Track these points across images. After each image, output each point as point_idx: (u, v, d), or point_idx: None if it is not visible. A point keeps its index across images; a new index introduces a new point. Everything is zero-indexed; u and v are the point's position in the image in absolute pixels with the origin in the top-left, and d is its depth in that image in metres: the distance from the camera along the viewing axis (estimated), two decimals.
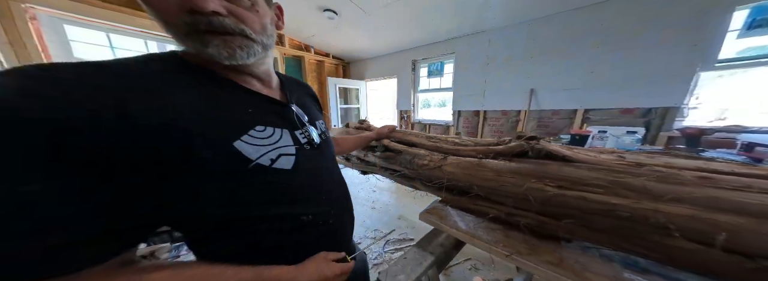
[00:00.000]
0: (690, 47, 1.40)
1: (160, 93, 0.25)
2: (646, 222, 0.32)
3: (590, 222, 0.39)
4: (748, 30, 1.31)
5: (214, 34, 0.27)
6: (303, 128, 0.39)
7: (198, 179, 0.26)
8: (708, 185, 0.32)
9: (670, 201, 0.32)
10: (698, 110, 1.46)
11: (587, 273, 0.39)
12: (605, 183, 0.38)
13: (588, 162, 0.43)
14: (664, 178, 0.34)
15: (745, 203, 0.29)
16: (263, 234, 0.32)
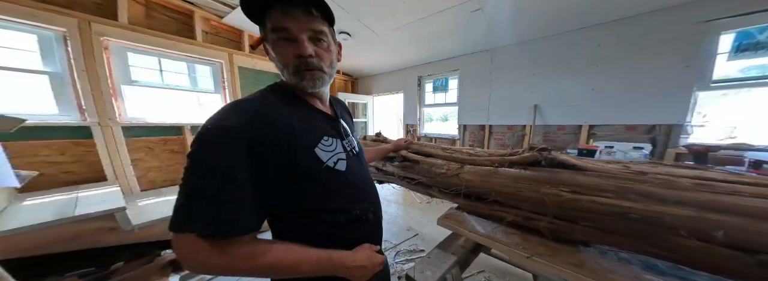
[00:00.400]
0: (683, 68, 1.49)
1: (288, 118, 0.37)
2: (656, 223, 0.37)
3: (604, 224, 0.43)
4: (736, 53, 1.41)
5: (307, 71, 0.39)
6: (347, 138, 0.48)
7: (294, 178, 0.36)
8: (704, 190, 0.37)
9: (674, 204, 0.36)
10: (706, 128, 1.50)
11: (609, 275, 0.42)
12: (614, 189, 0.43)
13: (597, 170, 0.49)
14: (666, 184, 0.39)
15: (739, 205, 0.34)
16: (325, 223, 0.40)
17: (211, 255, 0.30)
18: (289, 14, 0.36)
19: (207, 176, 0.30)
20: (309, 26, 0.37)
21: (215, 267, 0.31)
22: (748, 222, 0.31)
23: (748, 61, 1.38)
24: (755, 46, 1.36)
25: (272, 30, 0.37)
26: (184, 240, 0.30)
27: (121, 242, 1.27)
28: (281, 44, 0.37)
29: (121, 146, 1.80)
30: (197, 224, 0.30)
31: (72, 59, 1.57)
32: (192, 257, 0.30)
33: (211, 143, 0.31)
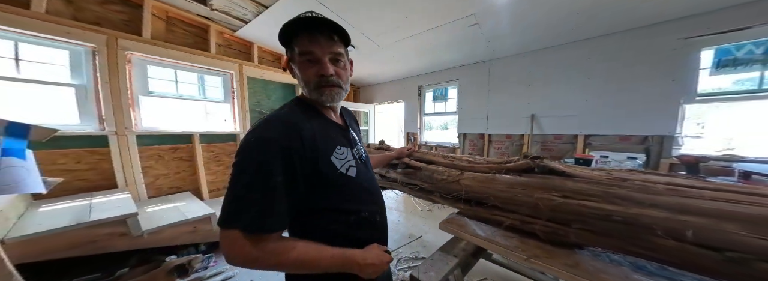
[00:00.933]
0: (669, 82, 1.58)
1: (310, 130, 0.43)
2: (635, 224, 0.42)
3: (592, 226, 0.48)
4: (717, 69, 1.50)
5: (326, 87, 0.45)
6: (356, 146, 0.54)
7: (316, 182, 0.42)
8: (674, 194, 0.42)
9: (649, 207, 0.41)
10: (703, 139, 1.55)
11: (602, 275, 0.46)
12: (599, 193, 0.48)
13: (584, 177, 0.54)
14: (643, 189, 0.44)
15: (702, 207, 0.39)
16: (338, 223, 0.45)
17: (251, 249, 0.35)
18: (315, 40, 0.42)
19: (252, 182, 0.36)
20: (330, 50, 0.44)
21: (253, 260, 0.36)
22: (712, 222, 0.36)
23: (738, 75, 1.46)
24: (734, 62, 1.45)
25: (299, 53, 0.43)
26: (230, 235, 0.35)
27: (131, 247, 1.30)
28: (306, 65, 0.44)
29: (134, 154, 1.87)
30: (243, 221, 0.35)
31: (98, 72, 1.69)
32: (235, 250, 0.35)
33: (257, 152, 0.37)
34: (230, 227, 0.35)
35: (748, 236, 0.32)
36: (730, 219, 0.35)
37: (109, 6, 1.80)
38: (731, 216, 0.35)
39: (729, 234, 0.34)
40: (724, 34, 1.43)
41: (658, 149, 1.61)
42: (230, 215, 0.36)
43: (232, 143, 2.56)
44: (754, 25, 1.36)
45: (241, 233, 0.35)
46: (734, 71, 1.45)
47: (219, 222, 0.36)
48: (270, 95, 2.87)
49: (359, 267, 0.42)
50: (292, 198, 0.39)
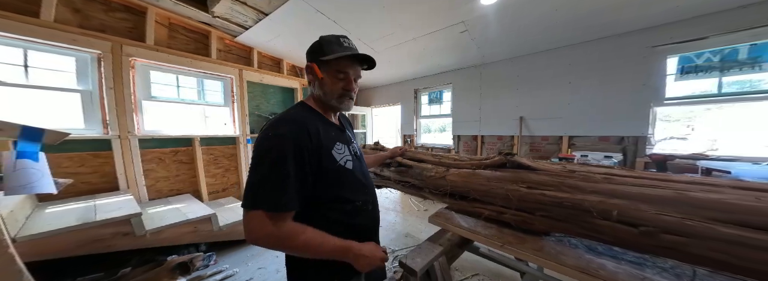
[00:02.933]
0: (641, 86, 1.72)
1: (315, 128, 0.52)
2: (580, 208, 0.50)
3: (550, 212, 0.56)
4: (681, 75, 1.64)
5: (347, 98, 0.57)
6: (351, 144, 0.63)
7: (320, 173, 0.50)
8: (608, 182, 0.50)
9: (589, 193, 0.50)
10: (689, 140, 1.64)
11: (561, 256, 0.54)
12: (554, 184, 0.57)
13: (544, 170, 0.63)
14: (585, 179, 0.53)
15: (625, 192, 0.47)
16: (336, 211, 0.54)
17: (271, 228, 0.43)
18: (354, 65, 0.56)
19: (274, 168, 0.44)
20: (358, 73, 0.58)
21: (271, 237, 0.43)
22: (631, 204, 0.44)
23: (700, 80, 1.60)
24: (695, 69, 1.59)
25: (337, 70, 0.54)
26: (254, 216, 0.43)
27: (134, 247, 1.34)
28: (336, 79, 0.55)
29: (136, 157, 1.92)
30: (265, 203, 0.43)
31: (103, 78, 1.75)
32: (258, 228, 0.43)
33: (273, 146, 0.46)
34: (254, 208, 0.43)
35: (654, 213, 0.41)
36: (644, 201, 0.44)
37: (114, 14, 1.87)
38: (645, 198, 0.44)
39: (642, 212, 0.42)
40: (685, 43, 1.57)
41: (634, 149, 1.73)
42: (254, 198, 0.44)
43: (231, 146, 2.60)
44: (710, 36, 1.50)
45: (264, 213, 0.43)
46: (696, 77, 1.59)
47: (243, 205, 0.44)
48: (269, 99, 2.93)
49: (355, 256, 0.49)
50: (303, 185, 0.47)
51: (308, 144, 0.48)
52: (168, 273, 1.23)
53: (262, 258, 1.74)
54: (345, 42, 0.55)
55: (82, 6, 1.72)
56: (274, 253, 1.80)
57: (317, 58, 0.54)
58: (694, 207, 0.39)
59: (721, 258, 0.35)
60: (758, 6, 1.37)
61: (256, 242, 0.44)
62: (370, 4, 1.80)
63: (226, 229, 1.72)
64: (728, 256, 0.34)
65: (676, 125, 1.69)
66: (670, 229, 0.39)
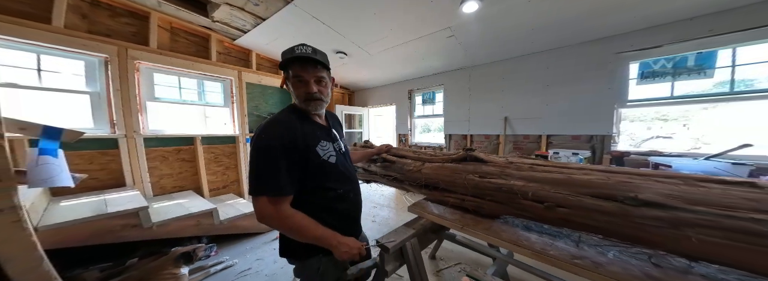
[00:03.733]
0: (607, 90, 1.88)
1: (301, 129, 0.63)
2: (511, 192, 0.63)
3: (494, 197, 0.69)
4: (641, 79, 1.80)
5: (311, 101, 0.66)
6: (337, 142, 0.75)
7: (306, 166, 0.62)
8: (531, 170, 0.63)
9: (517, 179, 0.63)
10: (674, 139, 1.76)
11: (502, 233, 0.67)
12: (497, 173, 0.69)
13: (493, 162, 0.75)
14: (517, 168, 0.66)
15: (537, 177, 0.60)
16: (322, 198, 0.66)
17: (272, 209, 0.56)
18: (304, 68, 0.62)
19: (267, 163, 0.57)
20: (315, 74, 0.63)
21: (273, 217, 0.56)
22: (540, 186, 0.57)
23: (657, 84, 1.76)
24: (653, 74, 1.76)
25: (293, 76, 0.63)
26: (260, 201, 0.56)
27: (142, 237, 1.45)
28: (298, 85, 0.64)
29: (141, 155, 2.03)
30: (267, 190, 0.56)
31: (110, 80, 1.86)
32: (263, 210, 0.56)
33: (265, 145, 0.58)
34: (259, 194, 0.57)
35: (552, 192, 0.54)
36: (548, 183, 0.57)
37: (119, 19, 1.98)
38: (549, 181, 0.57)
39: (545, 192, 0.55)
40: (644, 50, 1.73)
41: (601, 146, 1.88)
42: (257, 186, 0.57)
43: (231, 144, 2.71)
44: (664, 44, 1.66)
45: (266, 198, 0.56)
46: (653, 81, 1.75)
47: (250, 192, 0.58)
48: (267, 100, 3.04)
49: (337, 243, 0.60)
50: (293, 175, 0.59)
51: (293, 143, 0.59)
52: (172, 262, 1.34)
53: (260, 251, 1.86)
54: (298, 49, 0.61)
55: (89, 12, 1.83)
56: (271, 246, 1.92)
57: (281, 68, 0.65)
58: (575, 186, 0.52)
59: (589, 223, 0.48)
60: (702, 18, 1.53)
61: (262, 221, 0.57)
62: (362, 11, 1.92)
63: (226, 223, 1.84)
64: (591, 220, 0.47)
65: (673, 124, 1.79)
66: (561, 203, 0.52)
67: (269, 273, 1.56)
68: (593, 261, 0.48)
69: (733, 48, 1.53)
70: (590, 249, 0.53)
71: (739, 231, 0.35)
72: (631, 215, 0.44)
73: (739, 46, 1.51)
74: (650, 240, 0.42)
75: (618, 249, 0.51)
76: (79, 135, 1.18)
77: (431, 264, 1.64)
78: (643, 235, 0.43)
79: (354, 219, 0.77)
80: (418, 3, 1.74)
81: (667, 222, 0.40)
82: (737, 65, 1.53)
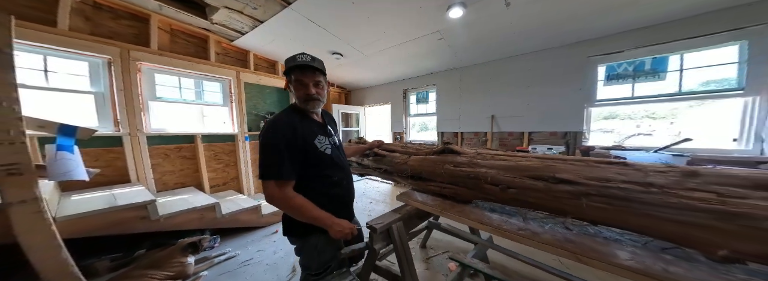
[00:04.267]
0: (578, 90, 2.06)
1: (301, 126, 0.76)
2: (477, 178, 0.76)
3: (466, 184, 0.82)
4: (607, 81, 1.99)
5: (310, 101, 0.79)
6: (331, 137, 0.87)
7: (305, 156, 0.75)
8: (492, 159, 0.76)
9: (482, 167, 0.76)
10: (653, 136, 1.90)
11: (470, 214, 0.80)
12: (467, 162, 0.82)
13: (464, 153, 0.88)
14: (481, 157, 0.79)
15: (496, 164, 0.73)
16: (319, 184, 0.78)
17: (278, 191, 0.69)
18: (304, 73, 0.75)
19: (273, 153, 0.70)
20: (313, 78, 0.76)
21: (278, 198, 0.69)
22: (497, 172, 0.70)
23: (620, 86, 1.95)
24: (616, 76, 1.95)
25: (295, 80, 0.76)
26: (268, 184, 0.69)
27: (149, 229, 1.55)
28: (299, 87, 0.77)
29: (144, 152, 2.11)
30: (274, 175, 0.69)
31: (113, 81, 1.93)
32: (271, 192, 0.69)
33: (271, 140, 0.71)
34: (267, 179, 0.70)
35: (504, 176, 0.67)
36: (503, 169, 0.70)
37: (121, 21, 2.04)
38: (503, 167, 0.70)
39: (500, 176, 0.69)
40: (610, 54, 1.92)
41: (573, 142, 2.07)
42: (266, 173, 0.70)
43: (230, 143, 2.80)
44: (625, 50, 1.85)
45: (274, 182, 0.69)
46: (617, 83, 1.94)
47: (259, 177, 0.70)
48: (265, 99, 3.13)
49: (332, 223, 0.73)
50: (294, 163, 0.72)
51: (294, 138, 0.72)
52: (180, 252, 1.44)
53: (261, 243, 1.97)
54: (299, 57, 0.74)
55: (91, 15, 1.89)
56: (271, 239, 2.03)
57: (284, 74, 0.78)
58: (519, 170, 0.65)
59: (529, 200, 0.61)
60: (655, 27, 1.73)
61: (271, 202, 0.70)
62: (356, 16, 2.03)
63: (228, 217, 1.94)
64: (530, 197, 0.60)
65: (661, 121, 1.92)
66: (510, 185, 0.65)
67: (270, 263, 1.68)
68: (533, 232, 0.62)
69: (681, 54, 1.72)
70: (533, 223, 0.67)
71: (612, 196, 0.49)
72: (553, 190, 0.57)
73: (686, 53, 1.71)
74: (564, 209, 0.56)
75: (554, 222, 0.64)
76: (92, 132, 1.27)
77: (422, 252, 1.77)
78: (560, 206, 0.56)
79: (346, 203, 0.90)
80: (408, 8, 1.86)
81: (572, 194, 0.53)
82: (684, 69, 1.72)
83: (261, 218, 2.19)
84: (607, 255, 0.49)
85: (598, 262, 0.49)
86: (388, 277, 0.99)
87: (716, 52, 1.61)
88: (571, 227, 0.60)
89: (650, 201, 0.45)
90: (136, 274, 1.20)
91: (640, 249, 0.51)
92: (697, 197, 0.41)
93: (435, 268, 1.58)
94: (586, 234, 0.58)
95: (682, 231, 0.41)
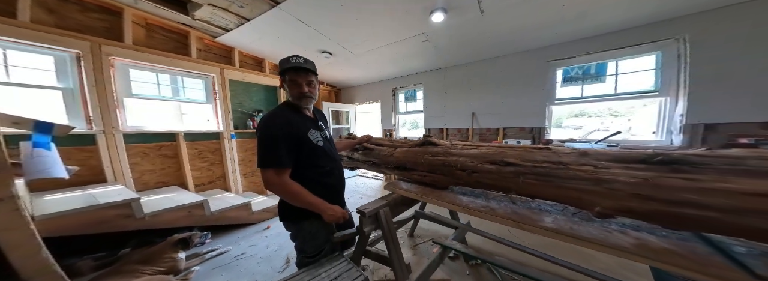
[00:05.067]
0: (541, 90, 2.34)
1: (293, 119, 0.85)
2: (450, 165, 0.90)
3: (441, 171, 0.95)
4: (563, 83, 2.30)
5: (303, 98, 0.88)
6: (322, 131, 0.96)
7: (299, 149, 0.84)
8: (463, 148, 0.91)
9: (454, 156, 0.90)
10: (611, 129, 2.15)
11: (445, 197, 0.94)
12: (443, 152, 0.96)
13: (441, 145, 1.02)
14: (454, 147, 0.94)
15: (465, 153, 0.88)
16: (313, 173, 0.88)
17: (276, 178, 0.77)
18: (298, 74, 0.84)
19: (271, 143, 0.77)
20: (306, 78, 0.85)
21: (278, 186, 0.77)
22: (465, 159, 0.85)
23: (573, 88, 2.27)
24: (571, 79, 2.25)
25: (289, 80, 0.85)
26: (267, 172, 0.77)
27: (135, 227, 1.53)
28: (293, 86, 0.85)
29: (121, 151, 2.02)
30: (273, 163, 0.77)
31: (84, 76, 1.82)
32: (270, 179, 0.77)
33: (268, 133, 0.79)
34: (266, 167, 0.77)
35: (470, 162, 0.82)
36: (469, 157, 0.85)
37: (90, 14, 1.92)
38: (470, 155, 0.85)
39: (467, 162, 0.83)
40: (564, 59, 2.23)
41: (539, 136, 2.37)
42: (265, 161, 0.78)
43: (215, 141, 2.74)
44: (576, 56, 2.16)
45: (272, 169, 0.77)
46: (570, 84, 2.26)
47: (258, 165, 0.78)
48: (252, 97, 3.07)
49: (325, 208, 0.83)
50: (290, 153, 0.80)
51: (289, 130, 0.81)
52: (170, 247, 1.45)
53: (253, 239, 2.00)
54: (293, 59, 0.82)
55: (55, 7, 1.77)
56: (263, 234, 2.06)
57: (279, 74, 0.87)
58: (480, 157, 0.80)
59: (487, 181, 0.77)
60: (598, 37, 2.06)
61: (269, 188, 0.78)
62: (345, 17, 2.09)
63: (217, 214, 1.94)
64: (488, 179, 0.76)
65: (622, 118, 2.22)
66: (474, 169, 0.80)
67: (263, 256, 1.73)
68: (491, 208, 0.78)
69: (616, 61, 2.06)
70: (493, 201, 0.84)
71: (539, 174, 0.65)
72: (502, 172, 0.72)
73: (620, 60, 2.05)
74: (509, 187, 0.71)
75: (509, 200, 0.80)
76: (70, 129, 1.23)
77: (410, 241, 1.91)
78: (507, 184, 0.72)
79: (338, 191, 1.00)
80: (395, 11, 1.97)
81: (514, 174, 0.69)
82: (619, 74, 2.07)
83: (251, 215, 2.20)
84: (537, 221, 0.66)
85: (531, 227, 0.65)
86: (378, 259, 1.11)
87: (641, 60, 1.97)
88: (517, 202, 0.77)
89: (560, 175, 0.61)
90: (127, 269, 1.20)
91: (560, 215, 0.69)
92: (583, 169, 0.58)
93: (421, 254, 1.73)
94: (528, 207, 0.76)
95: (577, 195, 0.58)
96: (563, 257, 1.01)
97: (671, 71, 1.80)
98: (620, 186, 0.51)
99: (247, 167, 3.01)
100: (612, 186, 0.52)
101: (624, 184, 0.51)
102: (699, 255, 0.48)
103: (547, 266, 1.09)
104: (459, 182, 0.91)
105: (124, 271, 1.20)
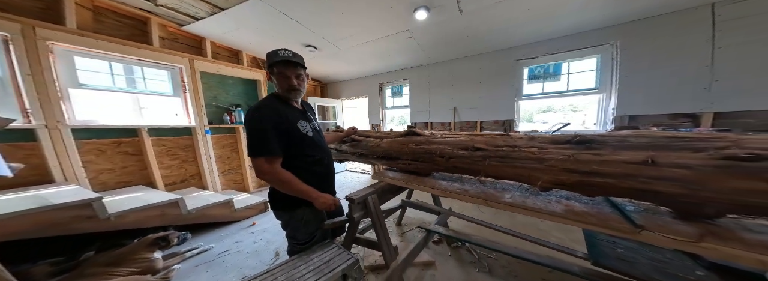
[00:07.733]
0: (510, 87, 2.62)
1: (282, 110, 0.86)
2: (431, 152, 1.00)
3: (424, 159, 1.05)
4: (529, 80, 2.60)
5: (292, 91, 0.90)
6: (311, 122, 0.99)
7: (289, 138, 0.86)
8: (442, 137, 1.02)
9: (434, 144, 1.00)
10: (572, 122, 2.55)
11: (427, 182, 1.04)
12: (424, 141, 1.05)
13: (423, 135, 1.12)
14: (435, 137, 1.05)
15: (446, 142, 0.99)
16: (303, 162, 0.91)
17: (268, 166, 0.78)
18: (287, 67, 0.85)
19: (262, 135, 0.78)
20: (295, 71, 0.87)
21: (267, 172, 0.79)
22: (444, 146, 0.97)
23: (537, 84, 2.58)
24: (534, 77, 2.56)
25: (278, 72, 0.86)
26: (258, 161, 0.78)
27: (100, 229, 1.39)
28: (282, 79, 0.86)
29: (70, 148, 1.79)
30: (264, 151, 0.78)
31: (15, 63, 1.55)
32: (261, 167, 0.78)
33: (257, 123, 0.80)
34: (257, 156, 0.79)
35: (447, 149, 0.93)
36: (448, 145, 0.96)
37: None
38: (448, 143, 0.96)
39: (445, 150, 0.95)
40: (528, 59, 2.51)
41: (509, 129, 2.69)
42: (256, 151, 0.79)
43: (186, 137, 2.53)
44: (538, 56, 2.45)
45: (263, 158, 0.78)
46: (534, 82, 2.57)
47: (249, 154, 0.79)
48: (228, 91, 2.87)
49: (316, 196, 0.87)
50: (280, 142, 0.82)
51: (278, 120, 0.83)
52: (146, 247, 1.35)
53: (238, 236, 1.94)
54: (281, 52, 0.83)
55: None
56: (249, 231, 2.01)
57: (267, 67, 0.88)
58: (455, 144, 0.92)
59: (461, 166, 0.88)
60: (554, 40, 2.35)
61: (261, 176, 0.80)
62: (329, 11, 2.05)
63: (196, 212, 1.84)
64: (461, 164, 0.88)
65: (580, 113, 2.58)
66: (451, 155, 0.91)
67: (251, 251, 1.70)
68: (464, 189, 0.90)
69: (569, 62, 2.40)
70: (467, 183, 0.96)
71: (500, 156, 0.78)
72: (473, 156, 0.84)
73: (572, 61, 2.38)
74: (478, 169, 0.84)
75: (479, 182, 0.93)
76: (8, 123, 1.08)
77: (398, 229, 2.02)
78: (476, 167, 0.84)
79: (328, 180, 1.04)
80: (379, 7, 1.99)
81: (482, 157, 0.81)
82: (571, 73, 2.40)
83: (234, 212, 2.12)
84: (500, 198, 0.79)
85: (495, 203, 0.78)
86: (368, 245, 1.18)
87: (587, 62, 2.33)
88: (486, 184, 0.91)
89: (515, 156, 0.75)
90: (92, 272, 1.11)
91: (517, 191, 0.84)
92: (531, 151, 0.72)
93: (409, 240, 1.85)
94: (494, 187, 0.90)
95: (527, 173, 0.72)
96: (529, 234, 1.20)
97: (607, 72, 2.17)
98: (554, 163, 0.66)
99: (226, 165, 2.85)
100: (549, 163, 0.66)
101: (556, 161, 0.66)
102: (604, 214, 0.63)
103: (516, 243, 1.27)
104: (439, 168, 1.02)
105: (89, 275, 1.10)
